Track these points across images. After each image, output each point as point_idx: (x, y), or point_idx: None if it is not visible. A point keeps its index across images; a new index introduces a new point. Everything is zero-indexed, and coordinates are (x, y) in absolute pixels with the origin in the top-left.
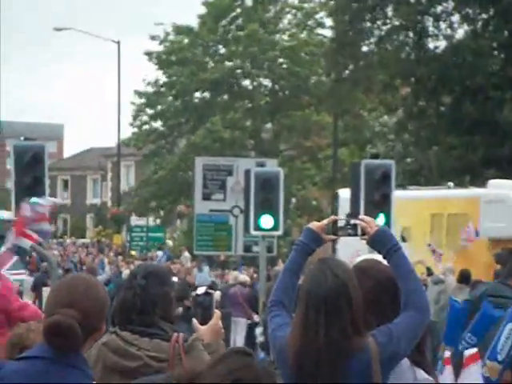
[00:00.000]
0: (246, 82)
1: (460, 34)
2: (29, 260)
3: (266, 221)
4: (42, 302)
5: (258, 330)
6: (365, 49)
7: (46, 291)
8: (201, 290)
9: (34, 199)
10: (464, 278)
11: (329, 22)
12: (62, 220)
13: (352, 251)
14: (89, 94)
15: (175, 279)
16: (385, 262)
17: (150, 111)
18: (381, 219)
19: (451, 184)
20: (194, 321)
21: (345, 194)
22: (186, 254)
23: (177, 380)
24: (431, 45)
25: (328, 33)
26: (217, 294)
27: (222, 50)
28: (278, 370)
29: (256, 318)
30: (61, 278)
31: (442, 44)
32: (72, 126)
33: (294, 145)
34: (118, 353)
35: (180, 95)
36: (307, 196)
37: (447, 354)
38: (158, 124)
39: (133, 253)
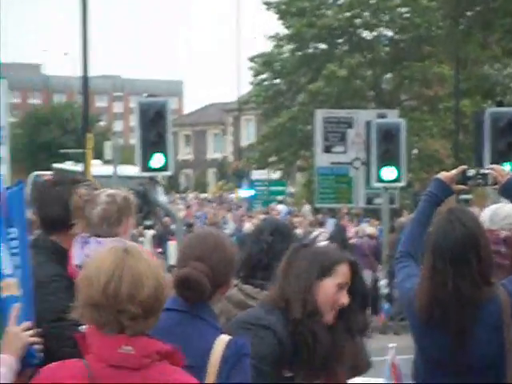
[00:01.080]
0: (366, 33)
1: None
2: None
3: (388, 172)
4: (166, 256)
5: (383, 282)
6: None
7: (171, 245)
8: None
9: None
10: None
11: None
12: (184, 175)
13: None
14: (208, 50)
15: (299, 232)
16: None
17: (267, 72)
18: (507, 169)
19: None
20: None
21: None
22: (307, 206)
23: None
24: None
25: None
26: None
27: (341, 1)
28: (408, 319)
29: (380, 269)
30: (184, 232)
31: None
32: (191, 82)
33: (414, 95)
34: (239, 306)
35: (298, 48)
36: (427, 147)
37: None
38: (277, 81)
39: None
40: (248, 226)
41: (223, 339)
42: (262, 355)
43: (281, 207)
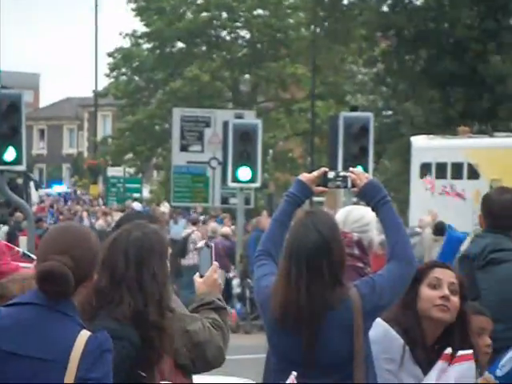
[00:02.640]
0: (224, 33)
1: None
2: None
3: (244, 173)
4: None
5: (235, 282)
6: (345, 1)
7: (22, 241)
8: (200, 244)
9: None
10: (439, 230)
11: None
12: (37, 170)
13: None
14: (65, 44)
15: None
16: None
17: (124, 67)
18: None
19: None
20: (197, 274)
21: (419, 141)
22: (166, 204)
23: None
24: None
25: None
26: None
27: (200, 1)
28: (261, 318)
29: (232, 269)
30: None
31: None
32: (48, 75)
33: (271, 96)
34: None
35: (157, 46)
36: (283, 149)
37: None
38: (135, 78)
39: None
40: (100, 223)
41: (84, 334)
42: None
43: (136, 205)
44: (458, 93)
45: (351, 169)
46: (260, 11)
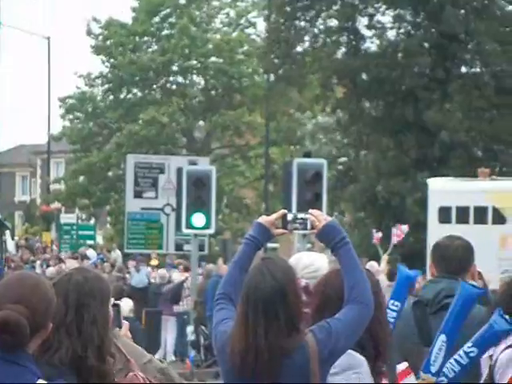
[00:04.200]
0: (179, 80)
1: (392, 34)
2: None
3: (198, 219)
4: None
5: (189, 329)
6: (299, 49)
7: None
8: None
9: None
10: (393, 275)
11: (261, 21)
12: None
13: None
14: (19, 91)
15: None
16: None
17: (79, 112)
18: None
19: None
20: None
21: (436, 184)
22: (118, 251)
23: None
24: (364, 45)
25: (260, 32)
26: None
27: (155, 47)
28: (219, 364)
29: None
30: None
31: (375, 45)
32: (1, 122)
33: (226, 143)
34: None
35: (112, 90)
36: (238, 195)
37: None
38: (89, 124)
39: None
40: (51, 270)
41: None
42: None
43: (90, 252)
44: (410, 140)
45: (310, 210)
46: (214, 58)
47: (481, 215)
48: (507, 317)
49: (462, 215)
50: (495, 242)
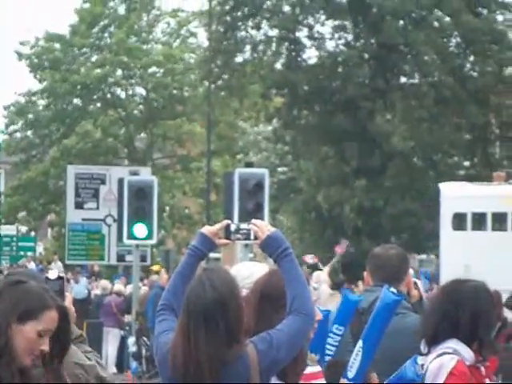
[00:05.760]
0: (119, 91)
1: (331, 45)
2: None
3: (140, 230)
4: None
5: (131, 340)
6: (239, 59)
7: None
8: (53, 275)
9: None
10: (336, 284)
11: (202, 31)
12: None
13: None
14: None
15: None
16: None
17: (20, 122)
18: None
19: None
20: None
21: (450, 189)
22: (58, 263)
23: None
24: (304, 55)
25: (201, 42)
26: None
27: (94, 58)
28: (160, 375)
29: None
30: None
31: (315, 55)
32: None
33: (167, 153)
34: None
35: (52, 102)
36: (179, 205)
37: None
38: (29, 133)
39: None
40: None
41: None
42: None
43: (31, 264)
44: (351, 149)
45: (253, 221)
46: (155, 69)
47: (500, 221)
48: (394, 290)
49: (479, 222)
50: None
